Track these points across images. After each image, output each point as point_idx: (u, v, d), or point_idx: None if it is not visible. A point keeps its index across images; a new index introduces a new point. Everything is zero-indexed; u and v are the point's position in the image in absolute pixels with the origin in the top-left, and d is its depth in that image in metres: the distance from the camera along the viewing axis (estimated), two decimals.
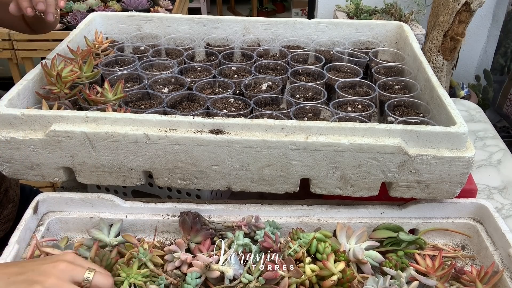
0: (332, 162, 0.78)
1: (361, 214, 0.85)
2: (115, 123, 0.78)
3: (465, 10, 1.99)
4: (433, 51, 2.10)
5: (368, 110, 0.92)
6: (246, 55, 1.13)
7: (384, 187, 0.82)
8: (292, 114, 0.88)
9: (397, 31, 1.17)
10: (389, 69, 1.08)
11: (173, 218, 0.83)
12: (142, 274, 0.71)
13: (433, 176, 0.78)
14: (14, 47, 1.99)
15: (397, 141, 0.76)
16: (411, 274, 0.74)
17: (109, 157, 0.80)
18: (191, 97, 0.96)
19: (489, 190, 1.17)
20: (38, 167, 0.82)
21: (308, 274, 0.71)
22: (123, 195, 1.00)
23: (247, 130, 0.78)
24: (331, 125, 0.77)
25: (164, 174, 0.82)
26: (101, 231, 0.79)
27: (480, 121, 1.47)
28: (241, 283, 0.70)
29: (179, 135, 0.77)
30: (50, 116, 0.78)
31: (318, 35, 1.17)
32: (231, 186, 0.83)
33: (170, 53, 1.13)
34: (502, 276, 0.74)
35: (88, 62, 0.95)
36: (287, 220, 0.83)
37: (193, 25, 1.18)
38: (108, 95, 0.89)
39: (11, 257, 0.73)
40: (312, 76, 1.06)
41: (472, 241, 0.84)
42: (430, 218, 0.85)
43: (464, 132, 0.76)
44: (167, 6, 2.36)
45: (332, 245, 0.77)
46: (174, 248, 0.75)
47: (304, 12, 4.18)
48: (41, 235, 0.80)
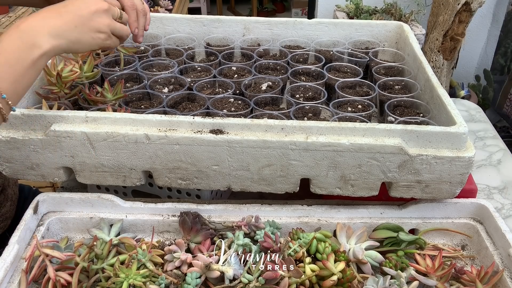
0: (332, 162, 0.78)
1: (361, 214, 0.85)
2: (115, 123, 0.78)
3: (465, 10, 1.99)
4: (433, 51, 2.10)
5: (368, 110, 0.92)
6: (246, 55, 1.13)
7: (384, 187, 0.82)
8: (292, 114, 0.88)
9: (397, 31, 1.17)
10: (389, 69, 1.08)
11: (173, 218, 0.83)
12: (141, 274, 0.71)
13: (433, 176, 0.78)
14: None
15: (397, 141, 0.76)
16: (411, 274, 0.74)
17: (109, 157, 0.80)
18: (191, 97, 0.96)
19: (489, 190, 1.17)
20: (38, 167, 0.82)
21: (308, 274, 0.71)
22: (123, 195, 1.00)
23: (247, 130, 0.78)
24: (331, 125, 0.77)
25: (164, 174, 0.82)
26: (102, 230, 0.79)
27: (480, 121, 1.47)
28: (241, 283, 0.70)
29: (179, 135, 0.77)
30: (50, 116, 0.78)
31: (318, 35, 1.17)
32: (231, 186, 0.83)
33: (170, 53, 1.13)
34: (502, 276, 0.74)
35: (88, 62, 0.95)
36: (287, 220, 0.83)
37: (193, 25, 1.18)
38: (108, 95, 0.89)
39: (11, 257, 0.73)
40: (312, 76, 1.06)
41: (472, 241, 0.84)
42: (430, 218, 0.85)
43: (464, 132, 0.76)
44: (167, 6, 2.36)
45: (332, 245, 0.77)
46: (174, 248, 0.75)
47: (304, 12, 4.19)
48: (41, 235, 0.80)
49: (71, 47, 0.69)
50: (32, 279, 0.72)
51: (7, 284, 0.72)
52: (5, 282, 0.72)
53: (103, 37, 0.74)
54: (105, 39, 0.74)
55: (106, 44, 0.75)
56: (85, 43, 0.71)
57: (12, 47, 0.62)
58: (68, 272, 0.72)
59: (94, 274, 0.73)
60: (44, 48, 0.65)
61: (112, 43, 0.77)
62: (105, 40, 0.74)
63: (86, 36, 0.70)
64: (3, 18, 2.33)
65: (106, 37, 0.74)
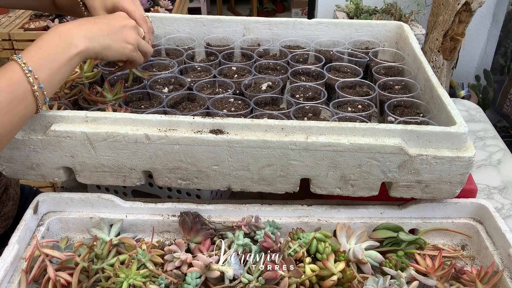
0: (332, 162, 0.78)
1: (361, 214, 0.85)
2: (115, 123, 0.78)
3: (465, 10, 1.99)
4: (433, 51, 2.11)
5: (368, 110, 0.92)
6: (246, 55, 1.13)
7: (384, 187, 0.82)
8: (292, 114, 0.88)
9: (397, 31, 1.17)
10: (389, 69, 1.08)
11: (173, 218, 0.83)
12: (141, 274, 0.71)
13: (433, 176, 0.78)
14: (14, 47, 1.99)
15: (397, 141, 0.76)
16: (411, 274, 0.74)
17: (109, 157, 0.80)
18: (191, 97, 0.96)
19: (489, 190, 1.17)
20: (38, 167, 0.82)
21: (308, 274, 0.71)
22: (123, 195, 1.00)
23: (247, 130, 0.78)
24: (331, 125, 0.77)
25: (164, 174, 0.82)
26: (102, 230, 0.79)
27: (480, 121, 1.47)
28: (241, 283, 0.70)
29: (179, 135, 0.77)
30: (50, 116, 0.78)
31: (318, 35, 1.17)
32: (231, 186, 0.83)
33: (170, 53, 1.13)
34: (502, 276, 0.74)
35: (88, 62, 0.95)
36: (287, 220, 0.83)
37: (193, 25, 1.18)
38: (108, 95, 0.89)
39: (11, 257, 0.73)
40: (312, 76, 1.06)
41: (472, 241, 0.84)
42: (430, 218, 0.85)
43: (464, 132, 0.76)
44: (167, 6, 2.36)
45: (332, 245, 0.77)
46: (174, 248, 0.75)
47: (304, 12, 4.19)
48: (41, 235, 0.80)
49: (102, 52, 0.75)
50: (32, 279, 0.72)
51: (7, 284, 0.72)
52: (5, 282, 0.72)
53: (130, 48, 0.80)
54: (132, 51, 0.81)
55: (132, 56, 0.82)
56: (115, 50, 0.78)
57: (52, 44, 0.70)
58: (68, 272, 0.72)
59: (94, 274, 0.73)
60: (80, 48, 0.72)
61: (138, 56, 0.83)
62: (132, 51, 0.81)
63: (117, 44, 0.77)
64: (3, 18, 2.33)
65: (133, 49, 0.81)
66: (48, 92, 0.70)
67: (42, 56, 0.68)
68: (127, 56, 0.80)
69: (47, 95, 0.70)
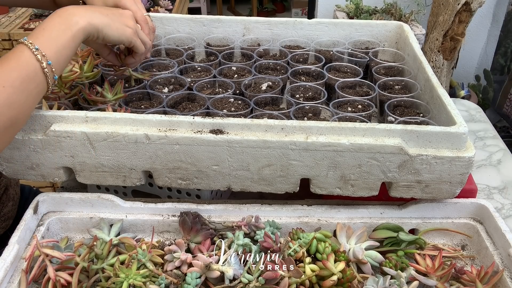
0: (332, 162, 0.78)
1: (361, 214, 0.85)
2: (115, 123, 0.78)
3: (465, 10, 1.99)
4: (433, 51, 2.11)
5: (368, 110, 0.92)
6: (246, 55, 1.13)
7: (384, 187, 0.82)
8: (292, 114, 0.88)
9: (397, 31, 1.17)
10: (389, 69, 1.08)
11: (173, 218, 0.83)
12: (141, 274, 0.71)
13: (433, 176, 0.78)
14: (14, 47, 1.99)
15: (397, 141, 0.76)
16: (411, 274, 0.74)
17: (109, 157, 0.80)
18: (191, 97, 0.96)
19: (489, 190, 1.17)
20: (38, 167, 0.82)
21: (308, 274, 0.71)
22: (123, 195, 1.00)
23: (247, 130, 0.78)
24: (331, 125, 0.77)
25: (164, 174, 0.82)
26: (102, 230, 0.79)
27: (480, 121, 1.47)
28: (241, 283, 0.70)
29: (179, 135, 0.77)
30: (50, 116, 0.78)
31: (318, 35, 1.17)
32: (231, 186, 0.83)
33: (170, 53, 1.13)
34: (502, 276, 0.74)
35: (88, 62, 0.95)
36: (287, 220, 0.84)
37: (193, 25, 1.18)
38: (108, 95, 0.89)
39: (11, 257, 0.73)
40: (312, 76, 1.06)
41: (472, 241, 0.84)
42: (430, 218, 0.85)
43: (464, 132, 0.76)
44: (167, 6, 2.36)
45: (332, 245, 0.77)
46: (174, 248, 0.75)
47: (304, 12, 4.19)
48: (41, 235, 0.80)
49: (103, 29, 0.77)
50: (32, 279, 0.72)
51: (7, 284, 0.72)
52: (5, 282, 0.72)
53: (130, 31, 0.81)
54: (132, 34, 0.81)
55: (133, 40, 0.81)
56: (116, 30, 0.78)
57: (55, 24, 0.73)
58: (68, 272, 0.72)
59: (94, 274, 0.73)
60: (81, 24, 0.74)
61: (138, 43, 0.83)
62: (133, 35, 0.81)
63: (117, 24, 0.79)
64: (3, 18, 2.33)
65: (133, 33, 0.81)
66: (57, 69, 0.72)
67: (46, 35, 0.71)
68: (128, 39, 0.81)
69: (55, 72, 0.72)
